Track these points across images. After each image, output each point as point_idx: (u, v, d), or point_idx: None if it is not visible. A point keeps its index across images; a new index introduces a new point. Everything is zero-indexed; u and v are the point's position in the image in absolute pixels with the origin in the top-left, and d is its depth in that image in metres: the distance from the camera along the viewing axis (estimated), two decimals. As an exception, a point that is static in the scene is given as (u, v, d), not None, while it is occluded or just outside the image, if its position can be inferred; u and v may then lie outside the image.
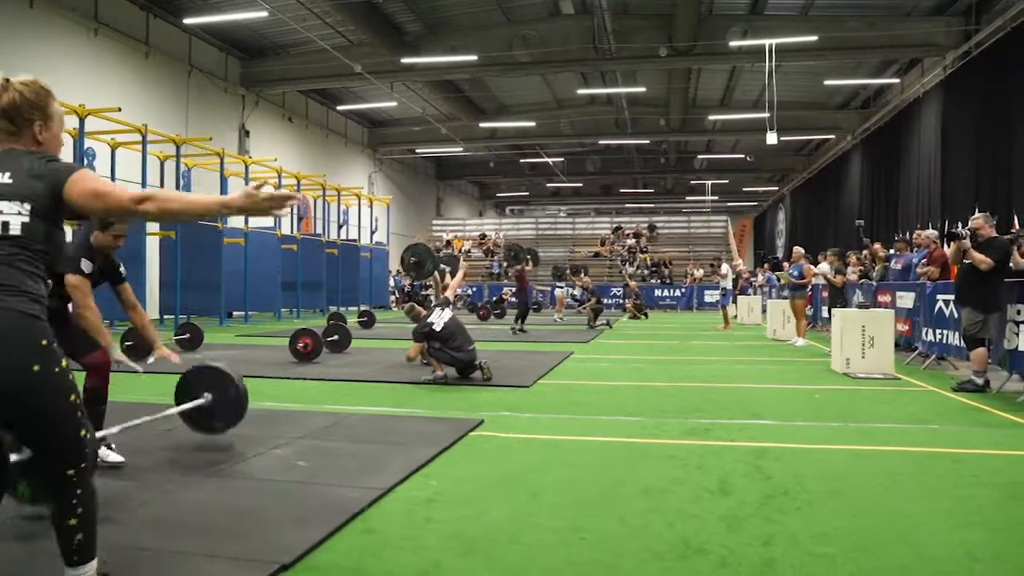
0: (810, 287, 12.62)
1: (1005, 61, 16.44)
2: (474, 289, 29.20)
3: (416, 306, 8.32)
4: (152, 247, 16.76)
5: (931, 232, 10.21)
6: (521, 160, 37.60)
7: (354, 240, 25.53)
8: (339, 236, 24.49)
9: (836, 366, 8.58)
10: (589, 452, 4.76)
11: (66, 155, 3.37)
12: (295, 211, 24.55)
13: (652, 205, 47.24)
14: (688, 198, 45.15)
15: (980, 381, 7.09)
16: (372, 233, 27.30)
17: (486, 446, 4.88)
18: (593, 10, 19.80)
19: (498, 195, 48.95)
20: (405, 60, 21.76)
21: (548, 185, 43.05)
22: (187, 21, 20.17)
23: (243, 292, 18.33)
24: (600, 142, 32.44)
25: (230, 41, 23.15)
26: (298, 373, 8.38)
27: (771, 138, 20.01)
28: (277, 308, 20.16)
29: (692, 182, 41.53)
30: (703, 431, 5.38)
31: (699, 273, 25.88)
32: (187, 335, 10.77)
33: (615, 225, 35.13)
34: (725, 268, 17.22)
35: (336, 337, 10.73)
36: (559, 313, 19.90)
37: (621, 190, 44.30)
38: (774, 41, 19.25)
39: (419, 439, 4.92)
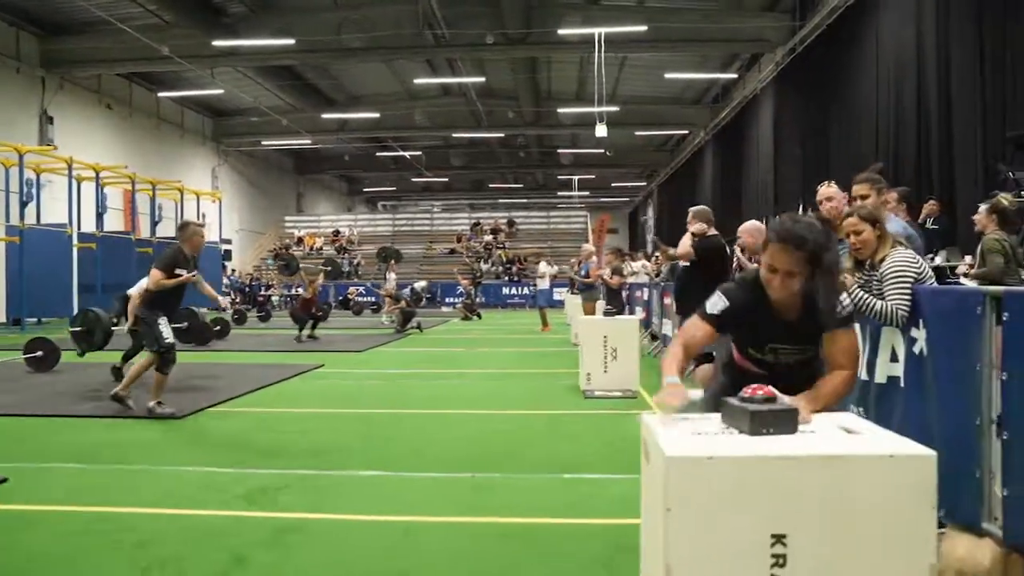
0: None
1: (822, 58, 16.37)
2: (321, 288, 27.52)
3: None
4: None
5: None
6: (378, 153, 36.09)
7: (174, 238, 23.43)
8: (153, 234, 22.42)
9: (581, 382, 7.68)
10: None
11: None
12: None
13: (525, 200, 46.65)
14: (560, 193, 44.76)
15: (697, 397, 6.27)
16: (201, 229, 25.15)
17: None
18: (419, -7, 18.67)
19: (365, 190, 47.22)
20: (218, 43, 19.98)
21: (414, 180, 41.67)
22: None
23: (25, 295, 16.26)
24: (454, 135, 31.33)
25: (22, 15, 20.73)
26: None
27: (600, 130, 19.50)
28: (69, 313, 18.09)
29: (559, 177, 41.07)
30: (270, 495, 4.24)
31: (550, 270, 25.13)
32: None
33: (474, 221, 34.18)
34: (543, 267, 16.38)
35: (40, 353, 9.16)
36: (388, 315, 18.75)
37: (490, 185, 43.44)
38: (603, 30, 18.63)
39: None
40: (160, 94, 26.57)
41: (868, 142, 14.17)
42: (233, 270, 31.06)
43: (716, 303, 2.51)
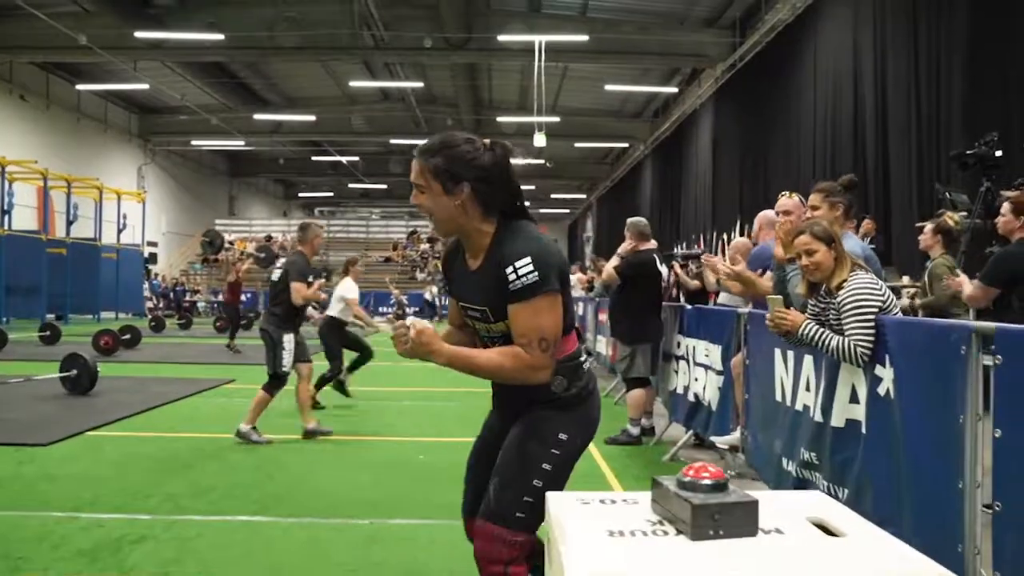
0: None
1: (762, 75, 16.33)
2: (249, 295, 26.45)
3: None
4: None
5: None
6: (314, 158, 35.07)
7: (91, 239, 22.17)
8: (68, 234, 21.09)
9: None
10: None
11: None
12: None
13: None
14: (500, 204, 44.25)
15: (635, 431, 5.83)
16: (119, 232, 23.90)
17: None
18: (355, -8, 18.01)
19: (301, 195, 45.95)
20: (142, 35, 18.91)
21: (352, 186, 40.69)
22: None
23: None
24: (393, 140, 30.61)
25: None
26: None
27: (539, 140, 19.17)
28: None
29: (499, 187, 40.59)
30: (122, 550, 3.58)
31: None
32: None
33: (411, 229, 33.46)
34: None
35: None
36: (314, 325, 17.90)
37: (430, 193, 42.70)
38: (544, 38, 18.30)
39: None
40: (80, 87, 25.16)
41: (806, 158, 14.10)
42: (157, 274, 29.64)
43: None
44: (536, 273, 1.92)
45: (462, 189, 1.97)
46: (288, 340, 5.77)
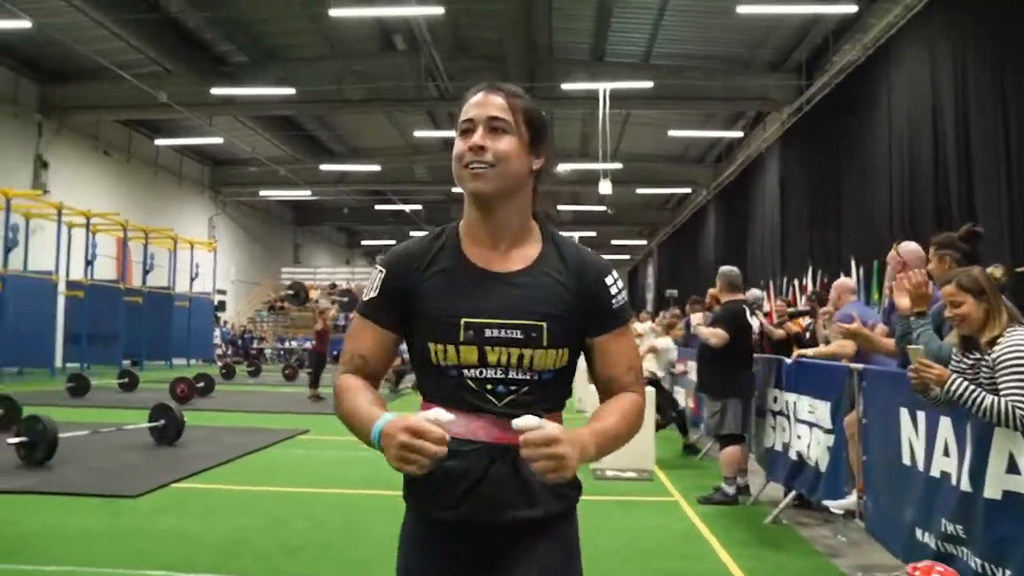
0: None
1: (831, 117, 16.05)
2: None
3: None
4: None
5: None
6: (377, 207, 35.74)
7: (165, 288, 22.83)
8: (144, 283, 21.77)
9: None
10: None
11: None
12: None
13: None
14: (559, 250, 44.27)
15: (731, 491, 5.57)
16: (192, 280, 24.59)
17: None
18: (421, 47, 18.43)
19: (363, 243, 46.79)
20: (217, 91, 19.67)
21: (413, 234, 41.21)
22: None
23: (5, 344, 15.51)
24: (455, 189, 30.90)
25: (24, 61, 20.46)
26: None
27: (604, 187, 19.15)
28: (51, 362, 17.41)
29: (560, 234, 40.66)
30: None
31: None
32: None
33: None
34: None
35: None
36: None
37: (490, 240, 43.04)
38: (608, 85, 18.38)
39: None
40: (158, 142, 26.22)
41: (881, 203, 13.66)
42: (226, 322, 30.34)
43: (372, 281, 1.58)
44: (625, 292, 1.57)
45: (542, 156, 1.57)
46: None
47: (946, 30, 11.69)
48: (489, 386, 1.43)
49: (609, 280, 1.54)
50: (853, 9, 14.39)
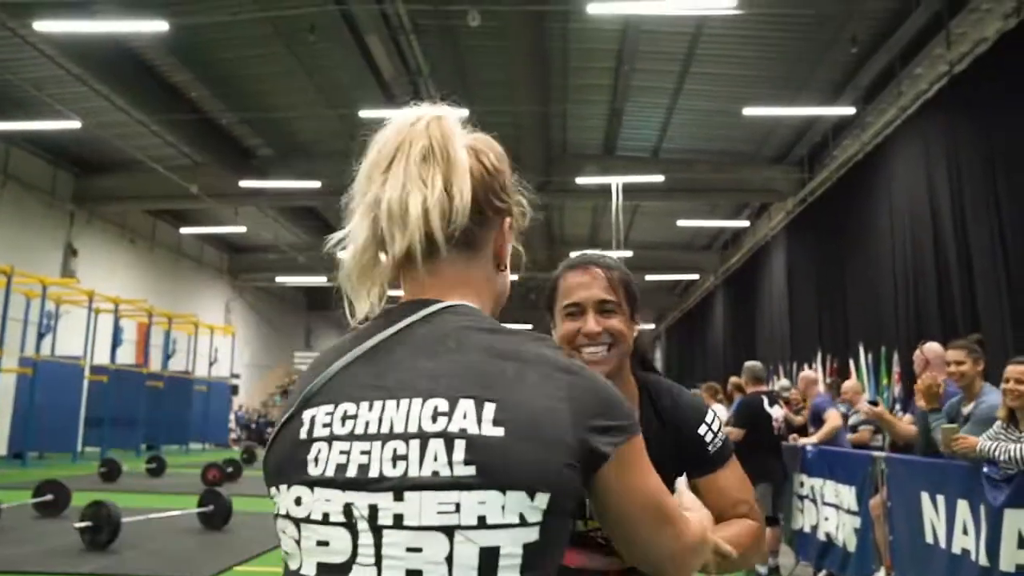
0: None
1: (834, 208, 16.79)
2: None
3: None
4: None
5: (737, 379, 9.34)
6: (390, 292, 36.40)
7: (185, 372, 23.29)
8: (165, 367, 22.24)
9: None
10: None
11: None
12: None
13: (533, 340, 46.59)
14: (568, 334, 44.77)
15: (763, 571, 5.92)
16: (211, 365, 25.08)
17: None
18: (441, 142, 19.37)
19: (374, 326, 47.39)
20: (245, 183, 20.60)
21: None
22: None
23: (31, 428, 15.88)
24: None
25: (61, 153, 21.51)
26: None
27: (617, 275, 19.59)
28: (74, 447, 17.72)
29: (569, 318, 41.28)
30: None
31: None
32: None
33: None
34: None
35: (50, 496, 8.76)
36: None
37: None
38: (621, 179, 19.26)
39: None
40: (183, 230, 27.15)
41: (886, 291, 14.23)
42: (240, 406, 30.66)
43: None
44: (723, 431, 1.63)
45: (638, 321, 1.65)
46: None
47: (939, 130, 12.48)
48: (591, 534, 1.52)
49: (703, 430, 1.59)
50: (851, 111, 15.29)
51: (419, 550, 0.83)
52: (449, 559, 0.83)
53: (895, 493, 4.20)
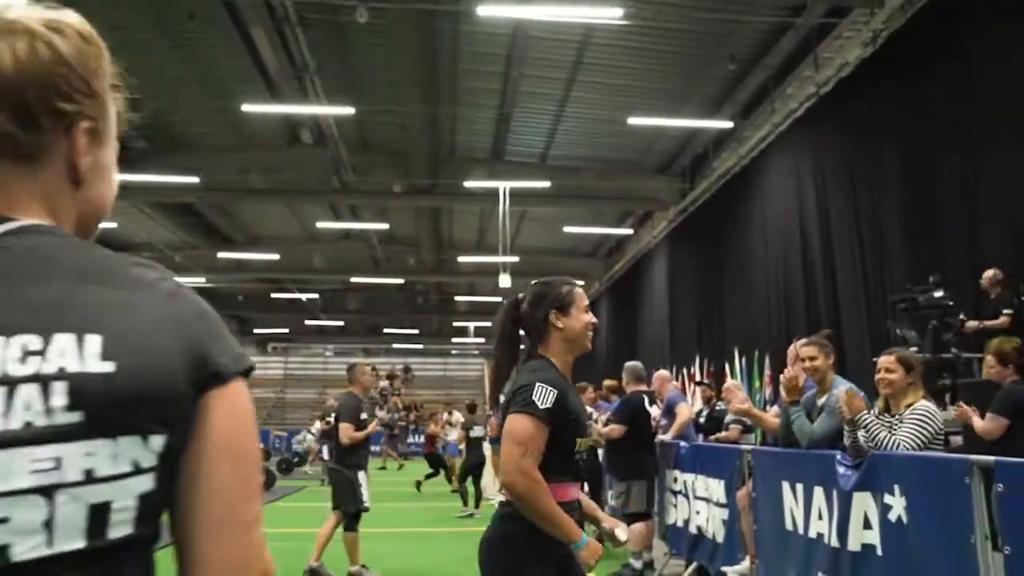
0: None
1: (713, 218, 17.52)
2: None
3: None
4: None
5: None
6: (273, 295, 35.36)
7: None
8: None
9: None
10: None
11: None
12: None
13: (421, 346, 46.27)
14: (455, 339, 44.72)
15: (638, 565, 6.05)
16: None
17: None
18: (328, 141, 18.95)
19: (255, 331, 45.76)
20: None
21: (308, 323, 40.83)
22: None
23: None
24: (352, 279, 31.18)
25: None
26: None
27: (504, 281, 19.83)
28: None
29: (456, 324, 41.23)
30: None
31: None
32: None
33: (369, 366, 33.52)
34: (456, 415, 15.95)
35: None
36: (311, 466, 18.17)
37: (385, 330, 43.05)
38: (508, 184, 19.38)
39: None
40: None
41: (759, 297, 14.99)
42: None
43: (546, 395, 2.23)
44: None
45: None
46: (362, 476, 5.96)
47: (808, 146, 13.29)
48: (573, 452, 2.33)
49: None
50: (729, 125, 15.99)
51: (5, 520, 0.69)
52: (48, 524, 0.70)
53: (760, 484, 4.37)
